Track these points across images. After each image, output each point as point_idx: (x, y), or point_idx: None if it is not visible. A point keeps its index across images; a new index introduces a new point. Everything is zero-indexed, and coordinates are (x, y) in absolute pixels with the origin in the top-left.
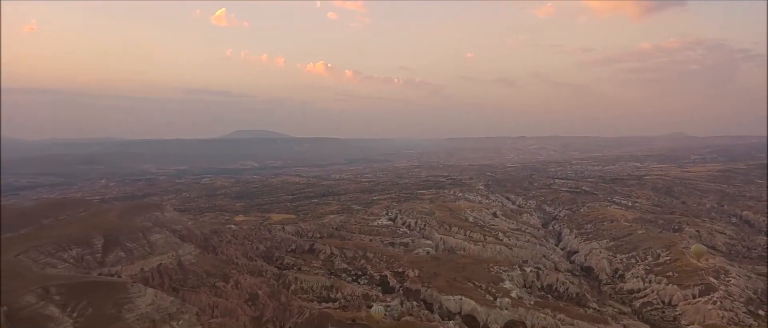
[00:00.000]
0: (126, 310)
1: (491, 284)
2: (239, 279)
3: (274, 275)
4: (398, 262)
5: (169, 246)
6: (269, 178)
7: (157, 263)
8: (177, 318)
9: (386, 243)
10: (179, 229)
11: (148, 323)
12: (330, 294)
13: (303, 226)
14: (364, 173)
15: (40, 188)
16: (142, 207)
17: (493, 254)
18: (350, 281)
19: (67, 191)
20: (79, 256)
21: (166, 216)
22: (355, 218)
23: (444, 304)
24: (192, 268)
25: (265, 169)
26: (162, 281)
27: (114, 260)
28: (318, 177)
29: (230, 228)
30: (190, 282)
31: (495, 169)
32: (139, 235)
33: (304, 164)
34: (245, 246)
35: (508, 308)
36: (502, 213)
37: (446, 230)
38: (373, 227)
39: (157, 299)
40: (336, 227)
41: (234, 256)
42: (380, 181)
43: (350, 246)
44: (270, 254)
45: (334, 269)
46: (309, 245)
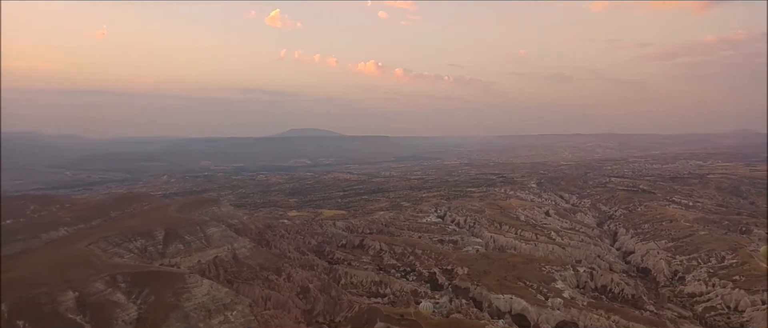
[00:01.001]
0: (184, 299)
1: (543, 284)
2: (291, 273)
3: (325, 270)
4: (447, 259)
5: (224, 239)
6: (321, 175)
7: (214, 256)
8: (231, 309)
9: (435, 240)
10: (235, 223)
11: (204, 313)
12: (379, 289)
13: (353, 222)
14: (414, 171)
15: (109, 183)
16: (200, 202)
17: (545, 253)
18: (399, 277)
19: (132, 187)
20: (142, 247)
21: (223, 211)
22: (404, 214)
23: (493, 302)
24: (246, 261)
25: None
26: (218, 272)
27: (174, 251)
28: (368, 174)
29: (283, 223)
30: (244, 274)
31: (548, 167)
32: (196, 228)
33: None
34: (297, 240)
35: (560, 309)
36: (554, 212)
37: (496, 228)
38: (421, 224)
39: (212, 289)
40: (385, 224)
41: (286, 250)
42: (429, 178)
43: (399, 242)
44: (321, 249)
45: (383, 264)
46: (359, 240)
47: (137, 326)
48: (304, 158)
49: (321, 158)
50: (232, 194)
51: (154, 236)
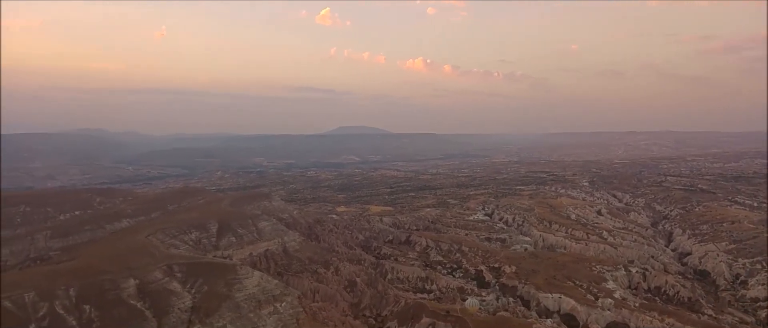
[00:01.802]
0: (235, 290)
1: (593, 284)
2: (339, 266)
3: (372, 264)
4: (494, 257)
5: (275, 233)
6: (369, 172)
7: (264, 249)
8: (280, 300)
9: (482, 238)
10: (285, 217)
11: (254, 303)
12: (425, 285)
13: (400, 218)
14: (461, 168)
15: (167, 178)
16: (252, 197)
17: (596, 252)
18: (445, 273)
19: (189, 181)
20: (197, 239)
21: (274, 205)
22: (451, 212)
23: (542, 301)
24: (296, 254)
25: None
26: (268, 265)
27: (226, 243)
28: (415, 172)
29: (332, 218)
30: (293, 267)
31: (601, 165)
32: (248, 222)
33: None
34: (345, 235)
35: (610, 309)
36: (607, 211)
37: (546, 226)
38: (469, 222)
39: (262, 281)
40: (432, 221)
41: (335, 244)
42: (477, 176)
43: (446, 239)
44: (368, 244)
45: (430, 261)
46: (405, 236)
47: (192, 314)
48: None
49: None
50: (283, 189)
51: (209, 228)
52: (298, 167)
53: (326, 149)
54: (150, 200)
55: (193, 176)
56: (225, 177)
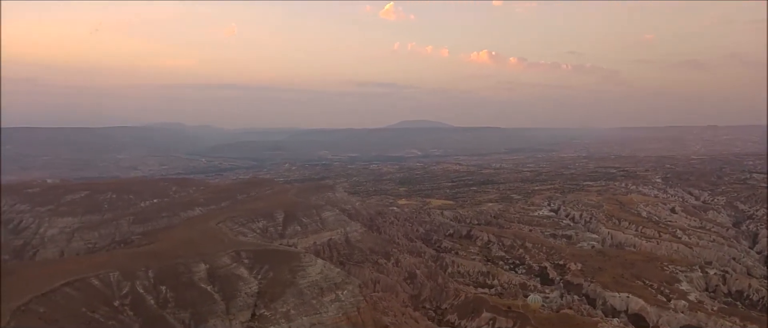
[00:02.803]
0: (299, 277)
1: (665, 284)
2: (400, 258)
3: (432, 257)
4: (559, 254)
5: (338, 223)
6: (431, 165)
7: (328, 238)
8: (342, 288)
9: (547, 234)
10: (348, 208)
11: (317, 290)
12: (486, 280)
13: (461, 212)
14: (526, 163)
15: (237, 170)
16: (316, 188)
17: (669, 252)
18: (507, 269)
19: (257, 173)
20: (264, 227)
21: (337, 196)
22: (515, 207)
23: (608, 300)
24: (357, 244)
25: (428, 157)
26: (331, 254)
27: (292, 232)
28: (478, 166)
29: (393, 210)
30: (355, 257)
31: (676, 161)
32: (313, 212)
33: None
34: (406, 228)
35: (684, 312)
36: (681, 209)
37: (615, 224)
38: (533, 217)
39: (325, 269)
40: (494, 215)
41: (395, 236)
42: (543, 171)
43: (508, 235)
44: (429, 237)
45: (491, 256)
46: (466, 230)
47: (257, 299)
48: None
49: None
50: (347, 181)
51: (275, 217)
52: (361, 160)
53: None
54: (221, 189)
55: (261, 168)
56: (292, 169)
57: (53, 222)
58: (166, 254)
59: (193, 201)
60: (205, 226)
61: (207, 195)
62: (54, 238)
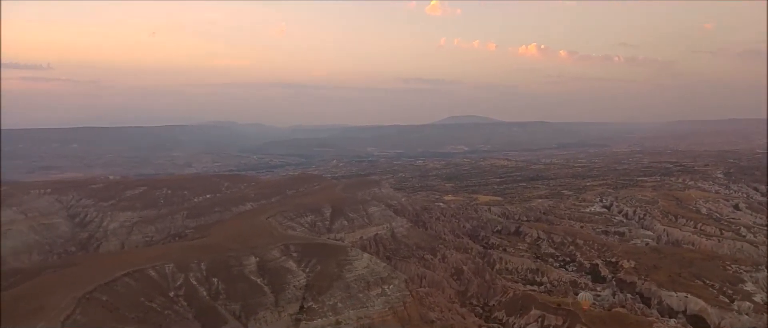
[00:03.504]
0: (346, 270)
1: (727, 285)
2: (446, 254)
3: (479, 253)
4: (611, 251)
5: (384, 218)
6: (478, 161)
7: (374, 233)
8: (388, 283)
9: (599, 231)
10: (394, 204)
11: (364, 284)
12: (535, 277)
13: (509, 208)
14: (577, 158)
15: (287, 166)
16: (363, 183)
17: (732, 251)
18: (557, 266)
19: (306, 169)
20: (312, 222)
21: (383, 192)
22: (565, 203)
23: (664, 300)
24: (403, 239)
25: (475, 152)
26: (377, 248)
27: (339, 227)
28: (527, 161)
29: (439, 206)
30: (401, 252)
31: (740, 155)
32: (359, 207)
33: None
34: (452, 224)
35: (749, 314)
36: (746, 205)
37: (671, 220)
38: (584, 214)
39: (371, 263)
40: (544, 212)
41: (442, 232)
42: (594, 166)
43: (558, 231)
44: (476, 233)
45: (541, 253)
46: (515, 227)
47: (305, 292)
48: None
49: (479, 145)
50: (393, 177)
51: (323, 212)
52: (407, 156)
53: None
54: (271, 185)
55: (310, 164)
56: (339, 165)
57: (114, 216)
58: (218, 248)
59: (244, 196)
60: (256, 220)
61: (257, 191)
62: (115, 231)
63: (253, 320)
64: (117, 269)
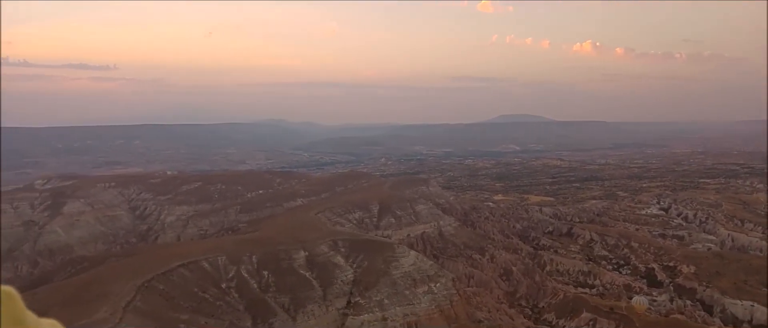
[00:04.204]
0: (393, 267)
1: None
2: (495, 254)
3: (529, 254)
4: (669, 255)
5: (431, 217)
6: (529, 161)
7: (421, 231)
8: (435, 281)
9: (655, 234)
10: (442, 202)
11: (410, 281)
12: (587, 280)
13: (561, 209)
14: (634, 158)
15: (336, 164)
16: (410, 181)
17: None
18: (610, 269)
19: (355, 167)
20: (360, 218)
21: (431, 190)
22: (620, 205)
23: (728, 308)
24: (451, 238)
25: (526, 152)
26: (424, 247)
27: (386, 224)
28: (581, 161)
29: (488, 205)
30: (448, 251)
31: None
32: (407, 205)
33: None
34: (502, 224)
35: None
36: None
37: (736, 225)
38: (640, 216)
39: (418, 261)
40: (597, 213)
41: (491, 232)
42: (652, 167)
43: (612, 233)
44: (526, 234)
45: (593, 255)
46: (567, 228)
47: (353, 287)
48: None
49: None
50: (441, 176)
51: (370, 209)
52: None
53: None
54: (321, 182)
55: (359, 163)
56: (387, 164)
57: (172, 210)
58: (268, 242)
59: (295, 192)
60: (305, 216)
61: (308, 187)
62: (172, 224)
63: (302, 313)
64: (173, 260)
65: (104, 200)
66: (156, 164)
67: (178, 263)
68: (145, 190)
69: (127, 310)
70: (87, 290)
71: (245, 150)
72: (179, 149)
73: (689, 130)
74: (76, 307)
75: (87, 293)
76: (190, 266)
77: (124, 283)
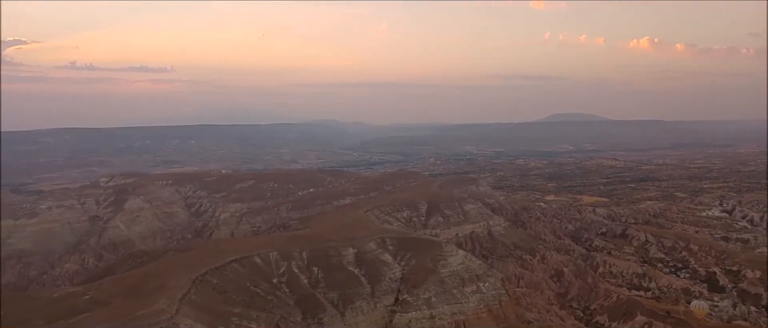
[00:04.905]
0: (440, 265)
1: None
2: (545, 255)
3: (581, 256)
4: (732, 259)
5: (481, 216)
6: (583, 161)
7: (470, 230)
8: (483, 280)
9: (717, 237)
10: (491, 202)
11: (458, 280)
12: (641, 282)
13: (616, 210)
14: (694, 159)
15: (386, 164)
16: (459, 181)
17: None
18: (667, 272)
19: (404, 166)
20: (408, 217)
21: (480, 190)
22: (678, 206)
23: None
24: (501, 238)
25: (580, 152)
26: (473, 246)
27: (434, 223)
28: (637, 161)
29: (540, 206)
30: (498, 251)
31: None
32: (455, 204)
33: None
34: (554, 224)
35: None
36: None
37: None
38: (700, 218)
39: (466, 260)
40: (653, 214)
41: (542, 232)
42: (714, 167)
43: (669, 235)
44: (578, 235)
45: (649, 257)
46: (621, 229)
47: (400, 284)
48: (566, 144)
49: (584, 144)
50: (491, 176)
51: (419, 208)
52: (507, 155)
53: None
54: (370, 181)
55: (408, 162)
56: (437, 163)
57: (226, 207)
58: (318, 238)
59: (344, 191)
60: (355, 214)
61: (357, 186)
62: (226, 221)
63: (350, 309)
64: (227, 255)
65: (162, 197)
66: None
67: (232, 258)
68: (200, 188)
69: (183, 302)
70: (146, 282)
71: (297, 150)
72: (233, 149)
73: (757, 129)
74: (137, 298)
75: (146, 286)
76: (242, 261)
77: (180, 276)
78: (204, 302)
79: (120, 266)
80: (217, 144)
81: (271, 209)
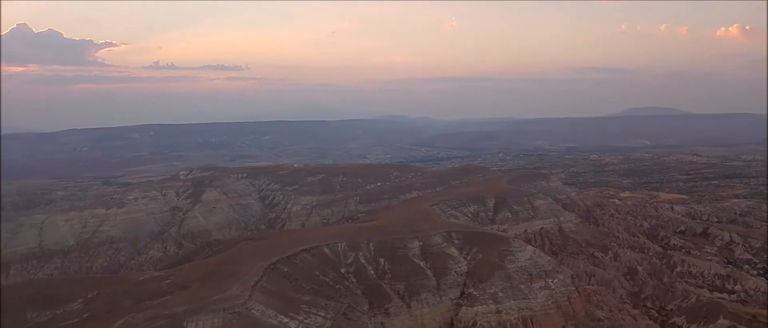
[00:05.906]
0: (507, 261)
1: None
2: (619, 252)
3: (657, 254)
4: None
5: (551, 212)
6: (662, 156)
7: (539, 227)
8: (552, 277)
9: None
10: (562, 198)
11: (526, 276)
12: (724, 284)
13: (696, 207)
14: None
15: (453, 159)
16: (529, 176)
17: None
18: (755, 274)
19: (471, 162)
20: (475, 212)
21: (551, 186)
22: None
23: None
24: (572, 235)
25: (659, 147)
26: (542, 242)
27: (502, 218)
28: (722, 157)
29: (613, 202)
30: (568, 248)
31: None
32: (524, 199)
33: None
34: (628, 221)
35: None
36: None
37: None
38: None
39: (535, 256)
40: (740, 213)
41: (615, 230)
42: None
43: (758, 236)
44: (654, 233)
45: (733, 258)
46: (702, 228)
47: (466, 278)
48: (644, 139)
49: (663, 139)
50: (563, 172)
51: (486, 202)
52: (580, 150)
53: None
54: (436, 175)
55: (476, 157)
56: (506, 158)
57: (297, 199)
58: (385, 230)
59: (411, 185)
60: (421, 207)
61: (423, 180)
62: (297, 213)
63: (416, 300)
64: (297, 245)
65: (237, 190)
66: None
67: (302, 248)
68: (273, 181)
69: (255, 288)
70: (221, 269)
71: (366, 145)
72: (305, 144)
73: None
74: (213, 283)
75: (221, 272)
76: (312, 251)
77: (253, 264)
78: (275, 288)
79: (198, 254)
80: (289, 139)
81: (340, 202)
